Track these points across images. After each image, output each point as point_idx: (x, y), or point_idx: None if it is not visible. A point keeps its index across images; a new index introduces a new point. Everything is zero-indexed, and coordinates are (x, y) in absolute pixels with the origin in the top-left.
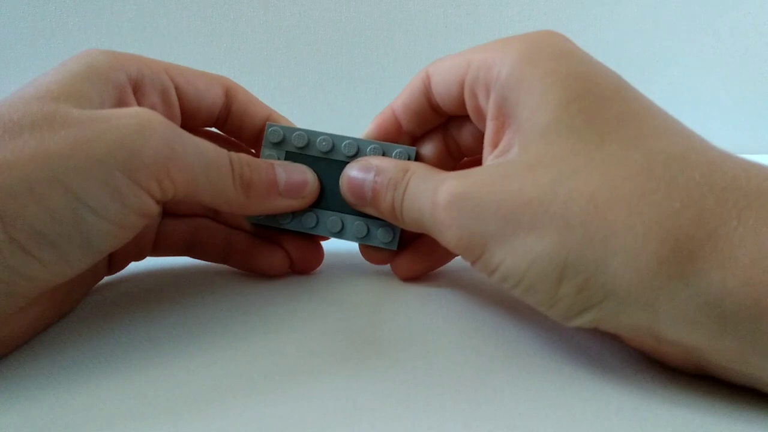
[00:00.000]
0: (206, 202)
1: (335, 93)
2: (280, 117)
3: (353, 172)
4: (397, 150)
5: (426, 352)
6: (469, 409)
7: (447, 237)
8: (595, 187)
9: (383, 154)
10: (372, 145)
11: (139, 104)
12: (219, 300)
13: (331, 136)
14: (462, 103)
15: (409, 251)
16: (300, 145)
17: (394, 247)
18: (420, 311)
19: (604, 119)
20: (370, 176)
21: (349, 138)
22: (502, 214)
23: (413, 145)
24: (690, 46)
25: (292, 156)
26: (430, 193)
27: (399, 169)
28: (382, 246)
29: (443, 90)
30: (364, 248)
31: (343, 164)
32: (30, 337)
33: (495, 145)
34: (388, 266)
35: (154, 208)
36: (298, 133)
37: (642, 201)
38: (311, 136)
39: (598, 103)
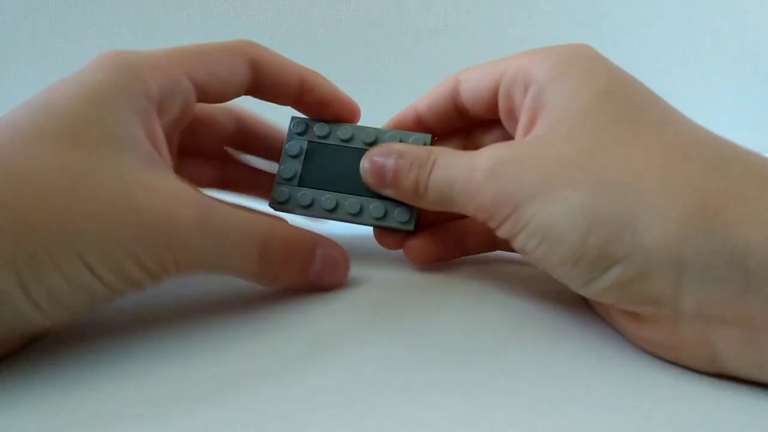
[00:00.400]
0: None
1: None
2: (313, 74)
3: (374, 155)
4: (414, 137)
5: (445, 330)
6: (485, 384)
7: (480, 199)
8: (632, 154)
9: (400, 141)
10: (389, 133)
11: (161, 121)
12: (223, 289)
13: (351, 126)
14: (491, 106)
15: (423, 235)
16: (322, 134)
17: (411, 227)
18: (438, 293)
19: (638, 105)
20: (391, 160)
21: (368, 128)
22: (541, 173)
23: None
24: (690, 46)
25: (314, 145)
26: (467, 162)
27: (422, 150)
28: (399, 226)
29: (473, 94)
30: (378, 233)
31: (362, 151)
32: (22, 349)
33: (528, 132)
34: (402, 254)
35: (155, 283)
36: (320, 123)
37: (674, 166)
38: (332, 127)
39: (632, 93)
